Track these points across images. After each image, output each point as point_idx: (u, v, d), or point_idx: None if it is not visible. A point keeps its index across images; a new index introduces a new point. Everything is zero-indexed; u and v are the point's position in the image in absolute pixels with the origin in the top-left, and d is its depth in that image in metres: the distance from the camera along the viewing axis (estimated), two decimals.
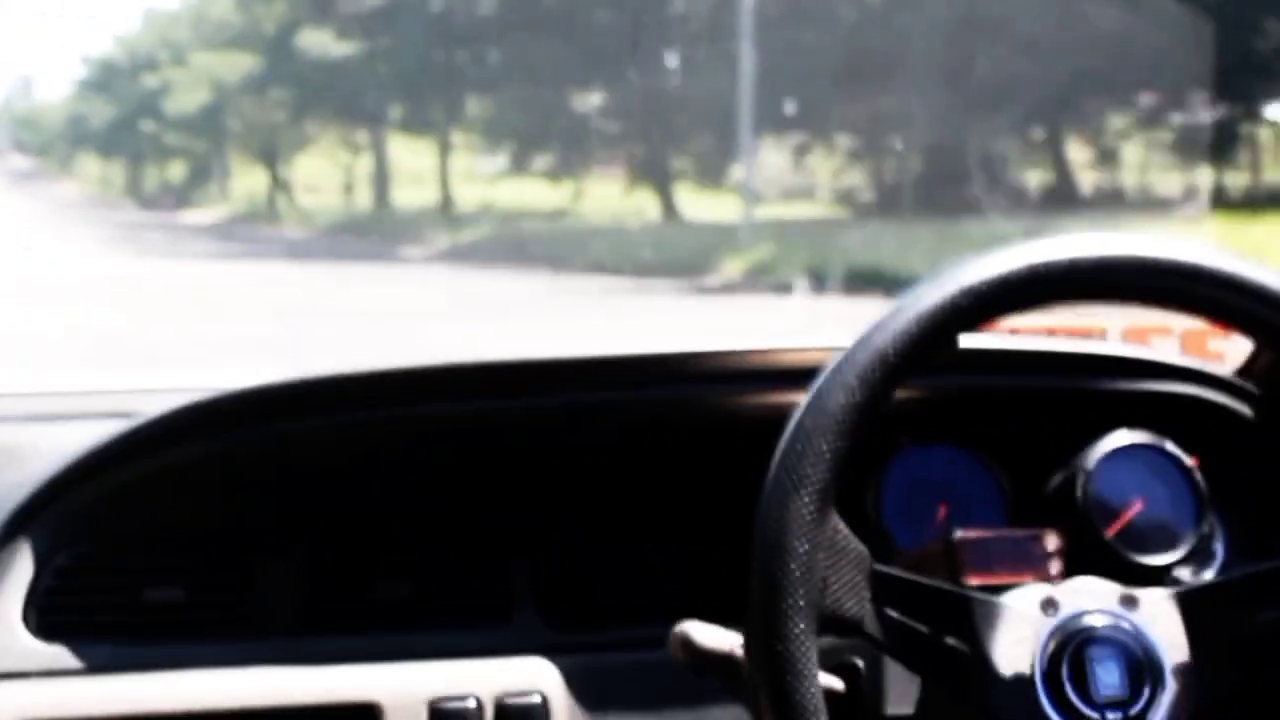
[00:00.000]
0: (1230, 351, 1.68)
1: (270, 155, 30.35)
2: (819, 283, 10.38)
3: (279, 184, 30.43)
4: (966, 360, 1.34)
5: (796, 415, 1.13)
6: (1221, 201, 14.65)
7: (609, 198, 22.11)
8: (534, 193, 24.30)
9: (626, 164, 21.87)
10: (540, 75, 20.10)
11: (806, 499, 1.10)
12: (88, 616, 1.46)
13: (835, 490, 1.12)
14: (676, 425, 1.56)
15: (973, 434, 1.52)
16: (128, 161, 41.29)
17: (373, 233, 23.24)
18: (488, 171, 26.46)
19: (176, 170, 40.20)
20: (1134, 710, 1.17)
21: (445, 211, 24.67)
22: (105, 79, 36.90)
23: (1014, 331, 1.60)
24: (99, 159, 44.28)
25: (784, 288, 10.45)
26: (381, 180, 27.40)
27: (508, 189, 25.09)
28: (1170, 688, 1.18)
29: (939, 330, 1.14)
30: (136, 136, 34.45)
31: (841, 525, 1.15)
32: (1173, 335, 1.93)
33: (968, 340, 1.24)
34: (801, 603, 1.10)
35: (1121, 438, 1.48)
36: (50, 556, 1.45)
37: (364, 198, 28.30)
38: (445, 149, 25.93)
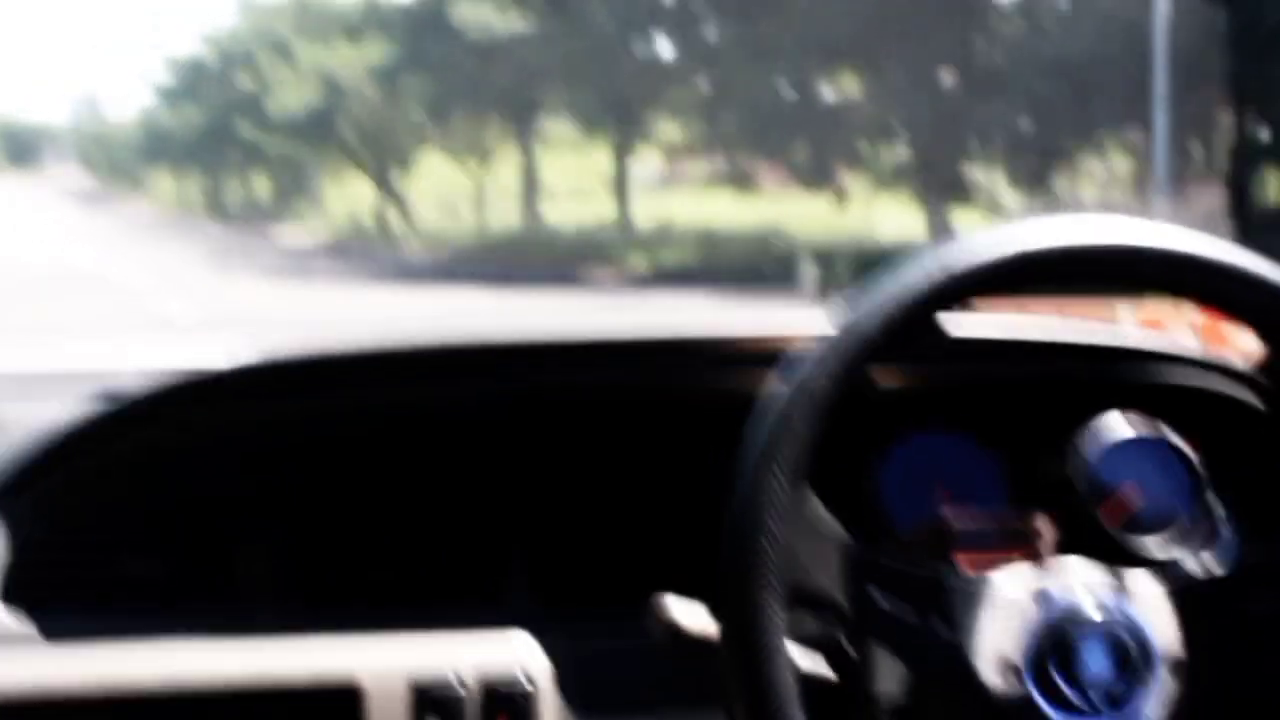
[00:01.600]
0: (1248, 342, 1.47)
1: (381, 165, 25.77)
2: None
3: (391, 198, 25.93)
4: (969, 345, 1.42)
5: (771, 393, 1.10)
6: None
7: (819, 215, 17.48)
8: (704, 207, 19.90)
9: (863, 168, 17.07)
10: (774, 55, 15.24)
11: (780, 477, 1.07)
12: (65, 589, 1.40)
13: (811, 470, 1.09)
14: (669, 406, 1.50)
15: (976, 421, 1.47)
16: (206, 177, 37.82)
17: (527, 254, 18.65)
18: (641, 179, 22.23)
19: (261, 185, 36.74)
20: (1124, 698, 1.11)
21: (623, 228, 20.07)
22: (192, 82, 32.64)
23: (1023, 311, 1.54)
24: (173, 176, 40.94)
25: None
26: (530, 192, 22.71)
27: (672, 201, 20.66)
28: (1161, 675, 1.12)
29: (923, 311, 1.11)
30: (227, 145, 30.45)
31: (818, 506, 1.11)
32: (1188, 323, 1.88)
33: (976, 325, 1.36)
34: (773, 582, 1.07)
35: (1118, 422, 1.42)
36: (28, 529, 1.40)
37: (498, 214, 23.66)
38: (623, 152, 21.16)
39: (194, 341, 1.69)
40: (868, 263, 12.76)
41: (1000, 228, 1.12)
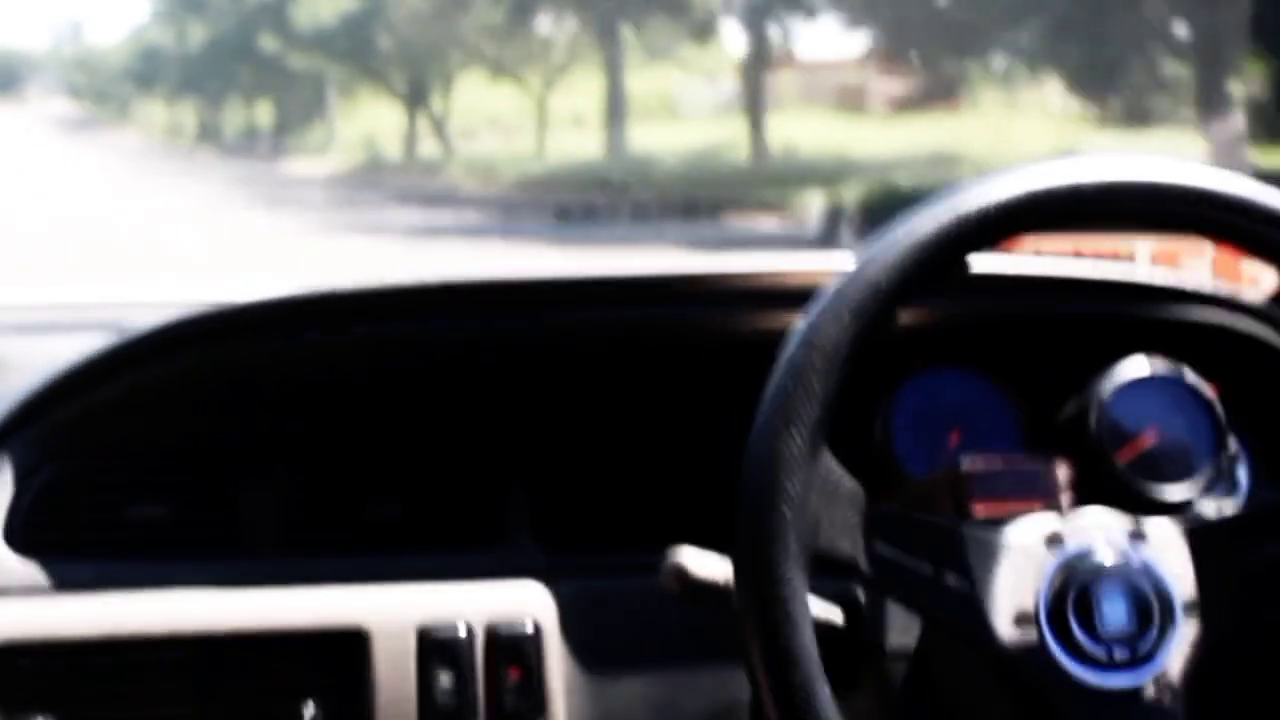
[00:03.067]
0: (1265, 277, 1.61)
1: (417, 83, 21.92)
2: None
3: (428, 121, 22.08)
4: (984, 283, 1.41)
5: (787, 350, 1.08)
6: None
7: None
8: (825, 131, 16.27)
9: None
10: None
11: (797, 437, 1.05)
12: (70, 534, 1.42)
13: (828, 427, 1.07)
14: (677, 347, 1.50)
15: (989, 359, 1.46)
16: (206, 103, 34.08)
17: (618, 190, 15.10)
18: (702, 100, 18.59)
19: (264, 112, 33.25)
20: (1142, 647, 1.09)
21: (757, 159, 16.28)
22: None
23: (1039, 252, 1.55)
24: (165, 103, 37.28)
25: None
26: (617, 109, 18.70)
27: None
28: (1180, 624, 1.10)
29: (936, 259, 1.09)
30: (236, 64, 26.40)
31: (834, 463, 1.09)
32: (1204, 258, 1.84)
33: (987, 262, 1.30)
34: (793, 546, 1.05)
35: (1138, 365, 1.41)
36: (32, 472, 1.41)
37: (564, 142, 19.88)
38: (759, 60, 17.30)
39: (209, 281, 1.59)
40: (878, 193, 11.43)
41: (1020, 168, 1.10)
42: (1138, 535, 1.12)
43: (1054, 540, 1.11)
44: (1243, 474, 1.42)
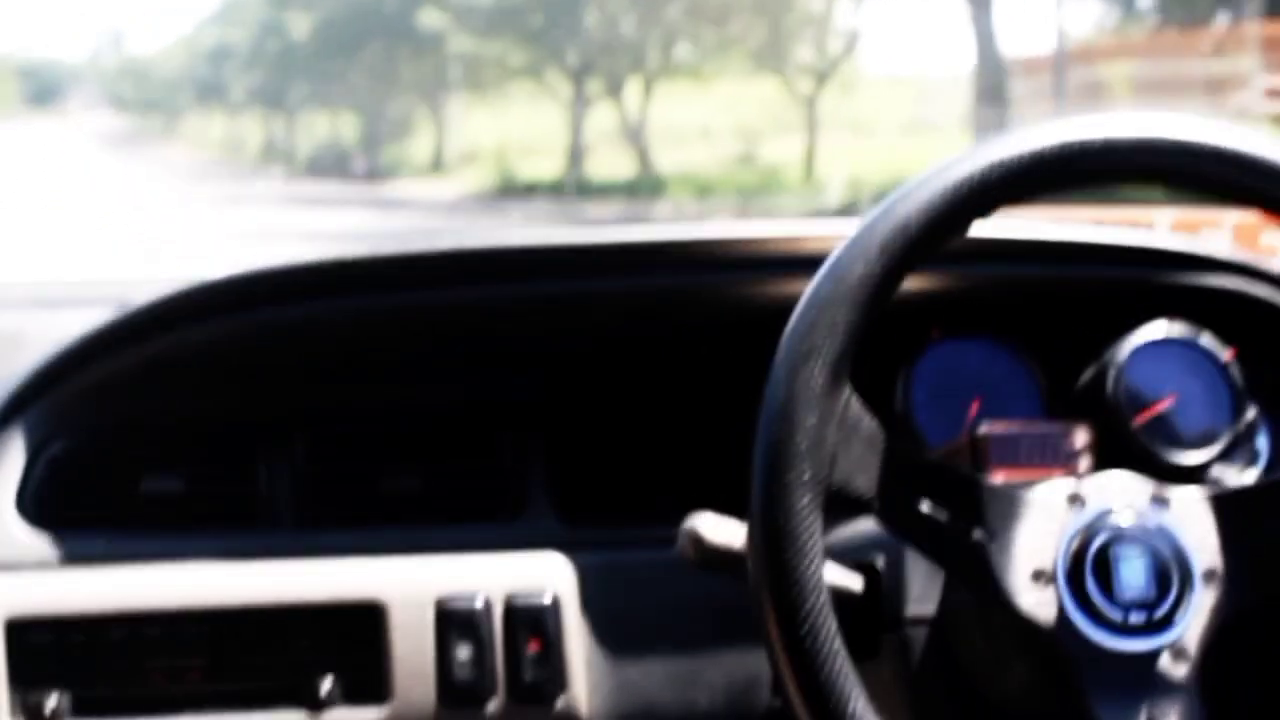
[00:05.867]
0: None
1: (610, 78, 15.98)
2: None
3: (625, 129, 16.13)
4: (1003, 250, 1.38)
5: (812, 284, 1.06)
6: None
7: None
8: None
9: None
10: None
11: (816, 369, 1.03)
12: (83, 507, 1.35)
13: (849, 363, 1.06)
14: (697, 314, 1.43)
15: (1009, 327, 1.39)
16: (277, 114, 28.46)
17: None
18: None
19: (346, 125, 27.69)
20: (1159, 612, 1.06)
21: None
22: None
23: (1058, 220, 1.49)
24: (228, 114, 31.89)
25: None
26: (993, 95, 12.31)
27: None
28: (1198, 591, 1.08)
29: (966, 204, 1.06)
30: (353, 59, 20.57)
31: (855, 400, 1.06)
32: (1223, 228, 1.75)
33: (1009, 230, 1.33)
34: (806, 476, 1.02)
35: (1156, 330, 1.35)
36: (44, 446, 1.36)
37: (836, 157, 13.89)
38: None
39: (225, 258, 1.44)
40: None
41: (1048, 122, 1.09)
42: (1160, 500, 1.10)
43: (1075, 500, 1.09)
44: (1261, 442, 1.36)
